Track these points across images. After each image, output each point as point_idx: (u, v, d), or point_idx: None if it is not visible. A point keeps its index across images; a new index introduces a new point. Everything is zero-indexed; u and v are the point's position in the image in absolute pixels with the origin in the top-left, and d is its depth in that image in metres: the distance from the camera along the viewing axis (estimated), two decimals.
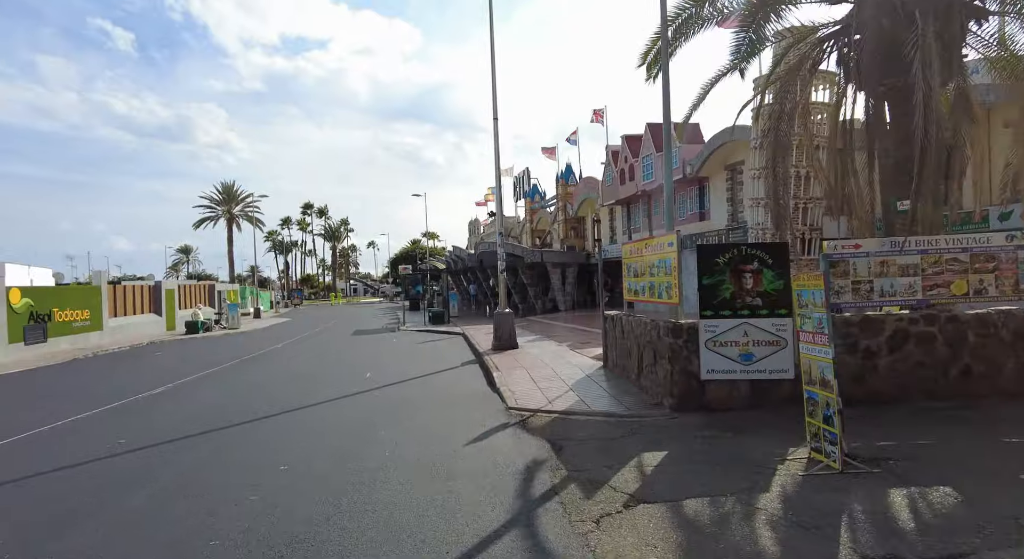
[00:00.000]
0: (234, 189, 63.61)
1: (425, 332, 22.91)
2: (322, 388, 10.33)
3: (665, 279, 8.16)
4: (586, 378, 9.58)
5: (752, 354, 7.24)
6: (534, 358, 12.20)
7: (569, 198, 37.12)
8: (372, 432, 7.01)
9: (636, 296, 9.50)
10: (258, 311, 46.56)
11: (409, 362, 13.67)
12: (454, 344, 17.61)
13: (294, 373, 12.68)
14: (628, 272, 9.91)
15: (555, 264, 31.58)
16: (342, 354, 16.38)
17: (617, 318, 9.55)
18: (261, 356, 16.44)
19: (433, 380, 10.83)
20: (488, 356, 12.91)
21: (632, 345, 8.75)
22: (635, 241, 9.25)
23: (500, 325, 14.08)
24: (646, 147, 25.96)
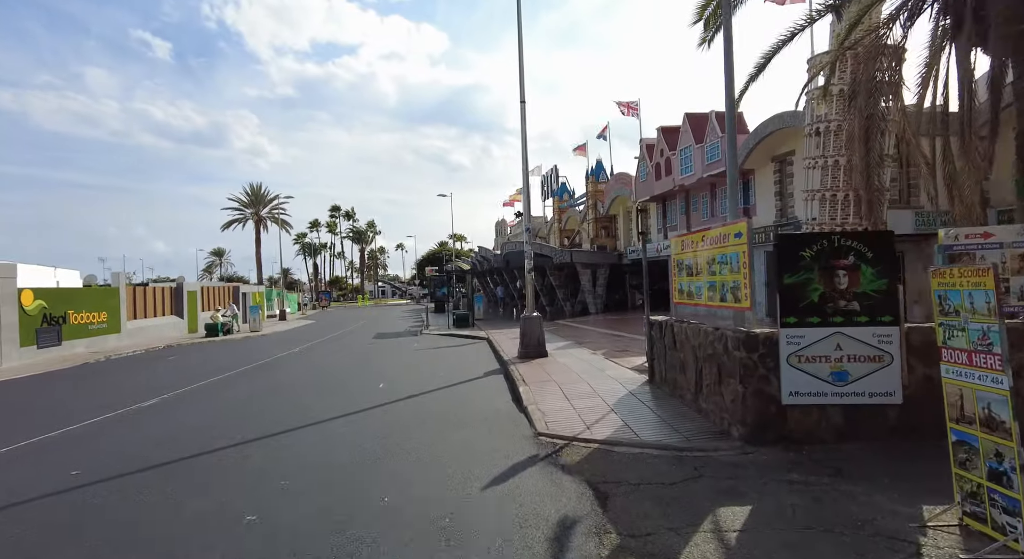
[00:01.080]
0: (261, 191, 63.75)
1: (448, 336, 21.68)
2: (328, 402, 9.12)
3: (731, 278, 6.67)
4: (629, 396, 8.13)
5: (846, 372, 5.72)
6: (566, 369, 10.79)
7: (600, 196, 35.55)
8: (372, 466, 5.71)
9: (689, 299, 8.01)
10: (283, 313, 46.21)
11: (428, 371, 12.40)
12: (478, 350, 16.30)
13: (302, 383, 11.53)
14: (678, 270, 8.43)
15: (585, 265, 30.07)
16: (358, 360, 15.23)
17: (666, 325, 8.08)
18: (273, 362, 15.41)
19: (452, 394, 9.51)
20: (514, 365, 11.54)
21: (688, 358, 7.27)
22: (688, 233, 7.76)
23: (527, 330, 12.71)
24: (684, 139, 24.27)
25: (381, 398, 9.25)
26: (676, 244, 8.54)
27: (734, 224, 6.67)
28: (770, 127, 19.07)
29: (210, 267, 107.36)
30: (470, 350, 16.47)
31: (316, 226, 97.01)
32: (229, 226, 63.62)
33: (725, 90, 8.07)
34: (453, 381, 10.73)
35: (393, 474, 5.42)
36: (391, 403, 8.82)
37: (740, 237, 6.48)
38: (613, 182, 33.37)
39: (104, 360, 17.87)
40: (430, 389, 9.92)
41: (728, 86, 8.04)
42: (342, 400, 9.24)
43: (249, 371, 13.51)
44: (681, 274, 8.35)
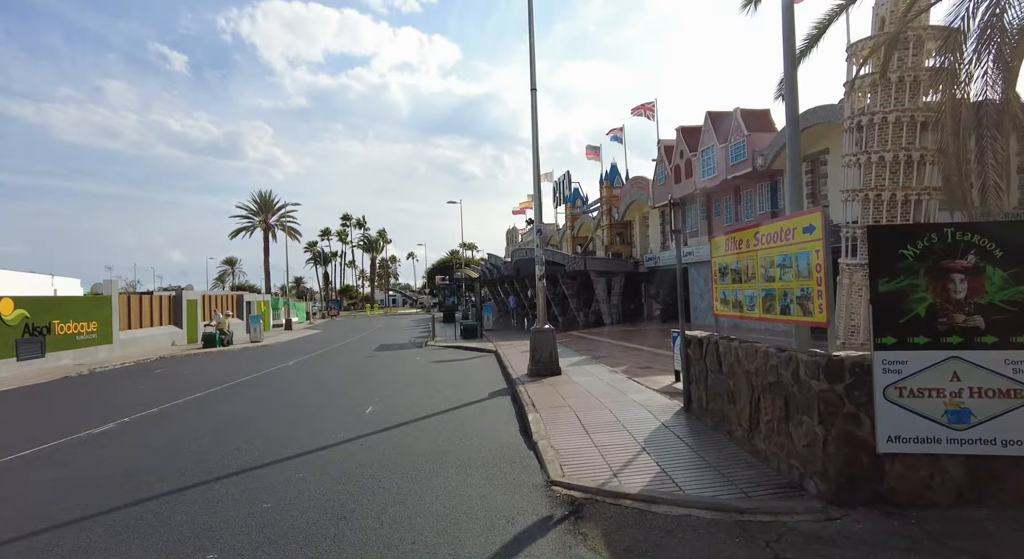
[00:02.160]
0: (270, 199, 63.11)
1: (454, 348, 20.30)
2: (301, 431, 7.77)
3: (797, 284, 5.23)
4: (662, 429, 6.67)
5: (968, 411, 4.26)
6: (583, 391, 9.35)
7: (614, 201, 34.12)
8: (329, 530, 4.33)
9: (736, 310, 6.57)
10: (289, 323, 45.20)
11: (426, 390, 11.02)
12: (484, 365, 14.89)
13: (283, 404, 10.20)
14: (720, 276, 6.99)
15: (599, 273, 28.62)
16: (353, 376, 13.89)
17: (708, 343, 6.62)
18: (261, 377, 14.13)
19: (448, 421, 8.11)
20: (523, 385, 10.13)
21: (740, 385, 5.81)
22: (735, 231, 6.28)
23: (538, 345, 11.29)
24: (706, 139, 22.83)
25: (364, 426, 7.87)
26: (717, 244, 7.11)
27: (802, 215, 5.24)
28: (802, 123, 17.53)
29: (223, 276, 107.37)
30: (476, 365, 15.07)
31: (327, 235, 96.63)
32: (237, 234, 63.03)
33: (783, 45, 6.65)
34: (452, 404, 9.33)
35: (357, 547, 4.02)
36: (374, 434, 7.44)
37: (812, 232, 5.05)
38: (629, 186, 31.95)
39: (87, 373, 16.71)
40: (424, 415, 8.52)
41: (787, 41, 6.62)
42: (319, 428, 7.88)
43: (231, 388, 12.21)
44: (724, 280, 6.91)
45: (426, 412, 8.74)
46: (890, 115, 13.64)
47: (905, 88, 13.55)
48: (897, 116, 13.59)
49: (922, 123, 13.52)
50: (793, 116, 6.70)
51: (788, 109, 6.70)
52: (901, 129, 13.62)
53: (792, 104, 6.65)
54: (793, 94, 6.64)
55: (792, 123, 6.72)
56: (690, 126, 24.69)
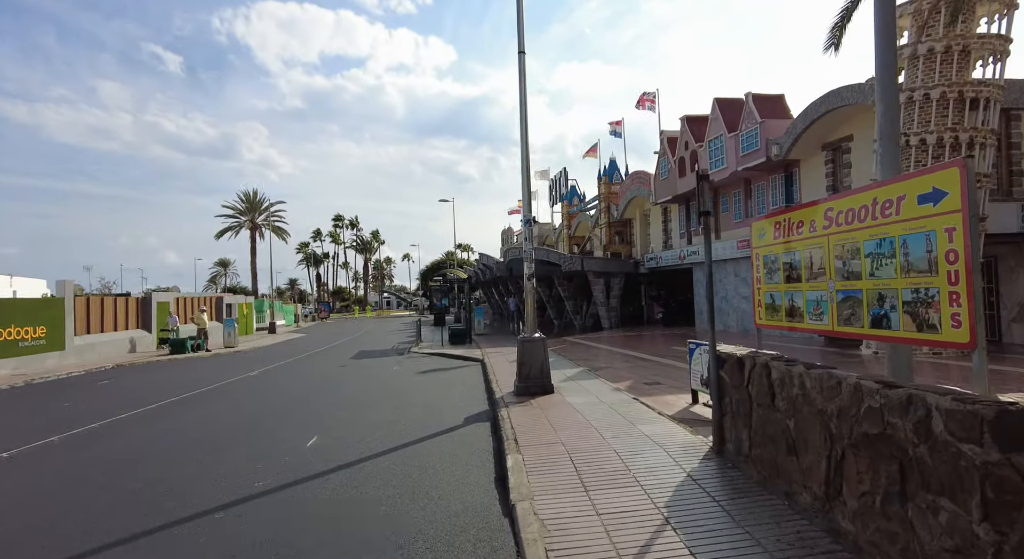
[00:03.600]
0: (257, 198, 61.16)
1: (438, 356, 18.45)
2: (209, 477, 5.93)
3: (907, 283, 3.42)
4: (690, 483, 4.83)
5: None
6: (580, 419, 7.51)
7: (613, 198, 32.36)
8: None
9: (789, 319, 4.76)
10: (273, 326, 43.30)
11: (391, 412, 9.18)
12: (466, 379, 13.05)
13: (211, 432, 8.35)
14: (766, 272, 5.18)
15: (598, 273, 26.82)
16: (313, 391, 12.04)
17: (755, 365, 4.77)
18: (213, 391, 12.27)
19: (405, 463, 6.26)
20: (507, 408, 8.29)
21: (809, 430, 3.96)
22: (786, 210, 4.41)
23: (527, 358, 9.45)
24: (714, 128, 21.05)
25: (293, 470, 6.03)
26: (762, 231, 5.30)
27: (920, 176, 3.41)
28: (823, 107, 15.81)
29: (215, 278, 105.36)
30: (457, 378, 13.22)
31: (319, 236, 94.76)
32: (223, 234, 61.01)
33: None
34: (416, 435, 7.48)
35: None
36: (299, 483, 5.59)
37: (939, 201, 3.22)
38: (629, 182, 30.17)
39: (23, 385, 14.80)
40: (377, 452, 6.68)
41: None
42: (233, 472, 6.03)
43: (164, 407, 10.34)
44: (771, 278, 5.10)
45: (381, 447, 6.89)
46: (933, 91, 11.88)
47: (952, 59, 11.78)
48: (942, 92, 11.82)
49: (972, 100, 11.74)
50: (890, 57, 4.86)
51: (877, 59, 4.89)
52: (947, 107, 11.86)
53: (889, 42, 4.83)
54: (891, 33, 4.83)
55: (885, 69, 4.90)
56: (696, 115, 22.94)
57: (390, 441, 7.16)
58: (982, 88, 11.59)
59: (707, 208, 5.52)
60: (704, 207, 5.48)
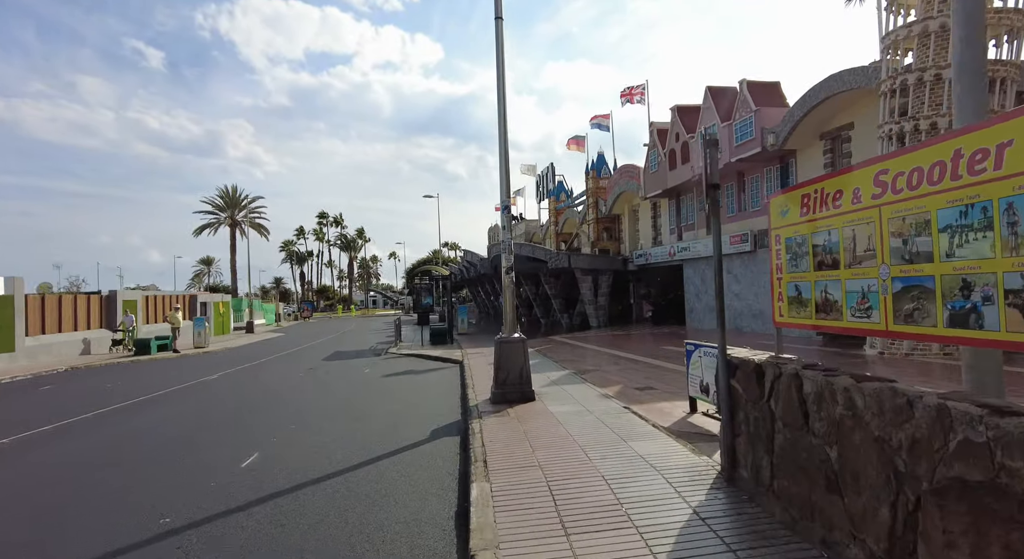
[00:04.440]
0: (237, 194, 59.48)
1: (416, 357, 17.37)
2: (112, 508, 4.85)
3: (1018, 262, 2.42)
4: (698, 523, 3.81)
5: None
6: (562, 433, 6.50)
7: (601, 193, 31.43)
8: None
9: (822, 317, 3.78)
10: (251, 325, 41.83)
11: (351, 423, 8.12)
12: (442, 382, 12.00)
13: (135, 450, 7.25)
14: (790, 258, 4.20)
15: (585, 271, 25.87)
16: (272, 398, 10.93)
17: (783, 375, 3.74)
18: (162, 398, 11.12)
19: (351, 492, 5.21)
20: (481, 419, 7.26)
21: (864, 464, 2.94)
22: (824, 177, 3.37)
23: (505, 360, 8.42)
24: (707, 117, 20.15)
25: (217, 500, 4.95)
26: (783, 208, 4.32)
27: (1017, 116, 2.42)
28: (822, 92, 14.94)
29: (198, 276, 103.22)
30: (432, 382, 12.16)
31: (303, 233, 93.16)
32: (202, 231, 59.24)
33: None
34: (373, 452, 6.43)
35: None
36: (212, 520, 4.52)
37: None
38: (617, 176, 29.24)
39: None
40: (320, 476, 5.61)
41: None
42: (137, 506, 4.95)
43: (98, 418, 9.18)
44: (795, 264, 4.12)
45: (329, 468, 5.83)
46: (946, 70, 11.01)
47: None
48: None
49: (989, 79, 10.86)
50: None
51: None
52: None
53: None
54: None
55: None
56: (687, 105, 22.05)
57: (341, 461, 6.10)
58: (999, 68, 10.75)
59: (715, 180, 4.54)
60: (712, 179, 4.50)
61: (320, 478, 5.50)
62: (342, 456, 6.27)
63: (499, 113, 8.81)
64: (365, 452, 6.41)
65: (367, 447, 6.65)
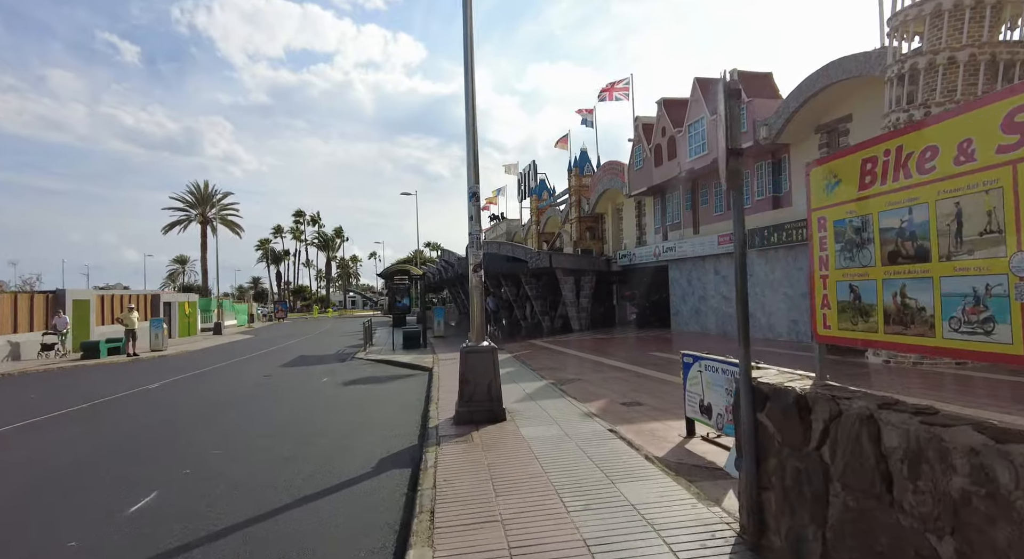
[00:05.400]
0: (208, 190, 57.39)
1: (384, 363, 16.07)
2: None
3: None
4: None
5: None
6: (535, 469, 5.30)
7: (584, 192, 30.38)
8: None
9: (896, 331, 2.62)
10: (219, 327, 40.03)
11: (282, 451, 6.84)
12: (405, 394, 10.75)
13: (23, 482, 5.91)
14: (835, 247, 3.04)
15: (567, 271, 24.75)
16: (206, 414, 9.60)
17: (847, 416, 2.56)
18: (81, 412, 9.71)
19: (250, 557, 3.96)
20: (439, 447, 6.04)
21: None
22: (899, 132, 2.09)
23: (471, 373, 7.20)
24: (695, 110, 19.17)
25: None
26: (832, 175, 3.16)
27: None
28: (820, 81, 14.00)
29: (173, 275, 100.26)
30: (393, 394, 10.90)
31: (280, 232, 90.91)
32: (171, 228, 57.10)
33: None
34: (297, 492, 5.17)
35: None
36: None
37: None
38: (601, 173, 28.20)
39: None
40: (219, 528, 4.34)
41: None
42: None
43: (16, 432, 7.77)
44: (849, 257, 2.97)
45: (235, 517, 4.56)
46: (961, 53, 10.05)
47: (983, 16, 9.97)
48: (971, 54, 10.00)
49: (1007, 62, 9.96)
50: None
51: None
52: (976, 72, 10.04)
53: None
54: None
55: None
56: (674, 98, 21.06)
57: (255, 504, 4.83)
58: (1019, 49, 9.84)
59: (737, 143, 3.39)
60: (734, 142, 3.35)
61: (217, 533, 4.24)
62: (258, 498, 5.00)
63: (466, 82, 7.58)
64: (289, 492, 5.15)
65: (294, 484, 5.38)
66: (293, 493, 5.11)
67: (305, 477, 5.60)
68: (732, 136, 3.34)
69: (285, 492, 5.14)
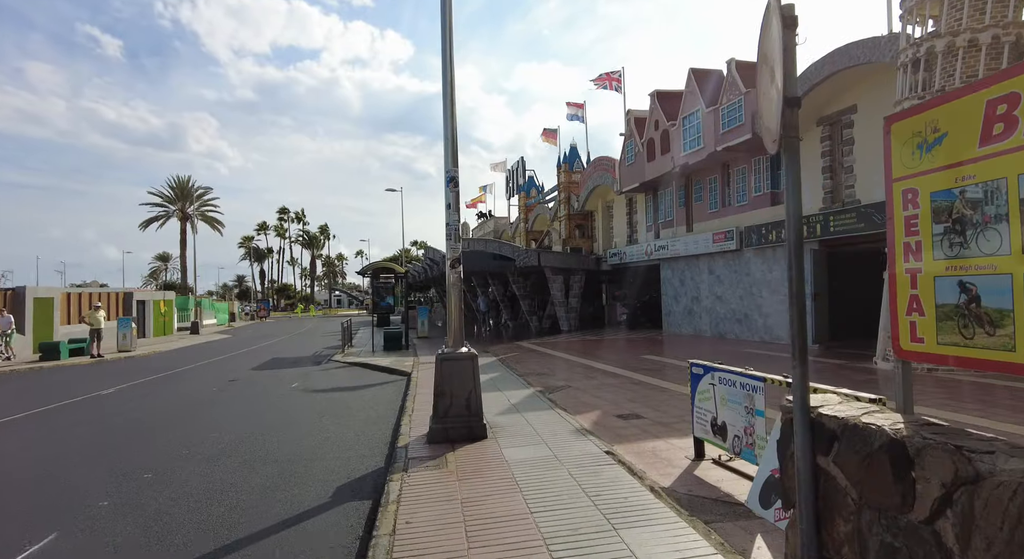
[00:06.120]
0: (188, 185, 55.78)
1: (361, 366, 15.09)
2: None
3: None
4: None
5: None
6: (518, 507, 4.40)
7: (574, 188, 29.55)
8: None
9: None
10: (196, 326, 38.72)
11: (224, 476, 5.88)
12: (378, 403, 9.81)
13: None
14: (933, 230, 2.14)
15: (556, 270, 23.89)
16: (153, 426, 8.61)
17: (1008, 488, 1.71)
18: (23, 421, 8.66)
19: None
20: (405, 476, 5.12)
21: None
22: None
23: (447, 384, 6.29)
24: (690, 102, 18.38)
25: None
26: (930, 128, 2.27)
27: None
28: (826, 69, 13.27)
29: (155, 273, 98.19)
30: (365, 404, 9.95)
31: (264, 229, 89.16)
32: (149, 224, 55.45)
33: None
34: (231, 534, 4.23)
35: None
36: None
37: None
38: (591, 169, 27.36)
39: None
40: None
41: None
42: None
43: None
44: (964, 242, 2.08)
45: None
46: (983, 34, 9.31)
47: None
48: (995, 35, 9.27)
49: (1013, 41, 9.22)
50: None
51: None
52: (999, 55, 9.30)
53: None
54: None
55: None
56: (668, 90, 20.27)
57: (169, 554, 3.89)
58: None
59: (794, 91, 2.50)
60: (790, 90, 2.46)
61: None
62: (176, 545, 4.06)
63: (443, 48, 6.63)
64: (217, 537, 4.20)
65: (229, 522, 4.44)
66: (222, 536, 4.17)
67: (244, 511, 4.66)
68: (788, 79, 2.46)
69: (212, 535, 4.20)
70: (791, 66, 2.48)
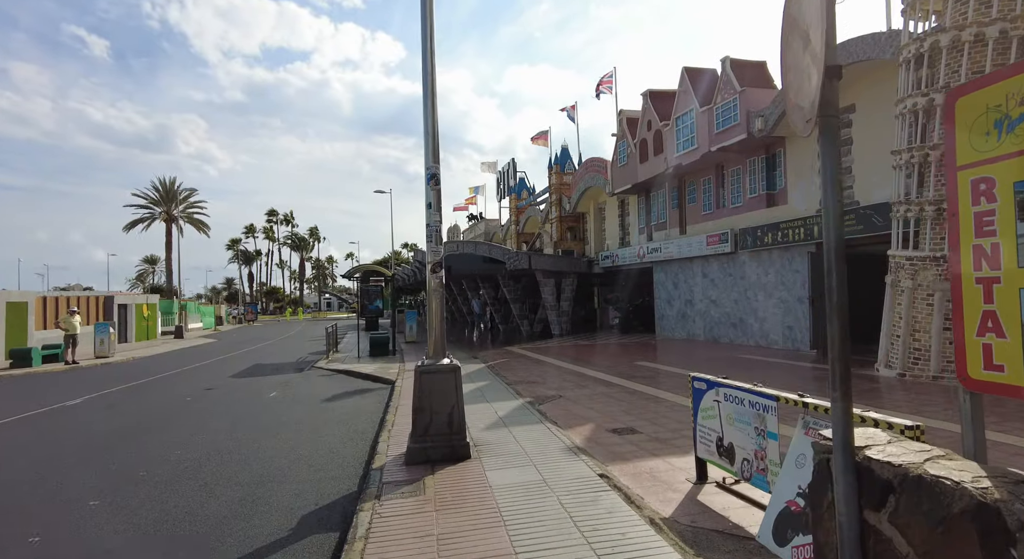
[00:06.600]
0: (174, 187, 54.80)
1: (344, 374, 14.53)
2: None
3: None
4: None
5: None
6: (500, 541, 3.91)
7: (566, 190, 29.13)
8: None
9: None
10: (180, 330, 37.87)
11: (187, 497, 5.35)
12: (358, 415, 9.27)
13: None
14: (1014, 224, 1.65)
15: (547, 273, 23.43)
16: (115, 441, 8.02)
17: None
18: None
19: None
20: (377, 504, 4.61)
21: None
22: None
23: (427, 399, 5.77)
24: (683, 102, 17.99)
25: None
26: (1018, 97, 1.80)
27: None
28: None
29: (142, 276, 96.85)
30: (345, 415, 9.40)
31: (252, 231, 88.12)
32: (133, 226, 54.36)
33: None
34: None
35: None
36: None
37: None
38: (583, 170, 26.94)
39: None
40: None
41: None
42: None
43: None
44: None
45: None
46: (990, 28, 8.96)
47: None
48: (1002, 29, 8.92)
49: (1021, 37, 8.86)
50: None
51: None
52: (1006, 50, 8.94)
53: None
54: None
55: None
56: (661, 90, 19.89)
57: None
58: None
59: (834, 59, 2.03)
60: (830, 58, 1.99)
61: None
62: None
63: (423, 31, 6.14)
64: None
65: None
66: None
67: (194, 548, 4.13)
68: (829, 46, 2.00)
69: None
70: (831, 28, 2.01)
